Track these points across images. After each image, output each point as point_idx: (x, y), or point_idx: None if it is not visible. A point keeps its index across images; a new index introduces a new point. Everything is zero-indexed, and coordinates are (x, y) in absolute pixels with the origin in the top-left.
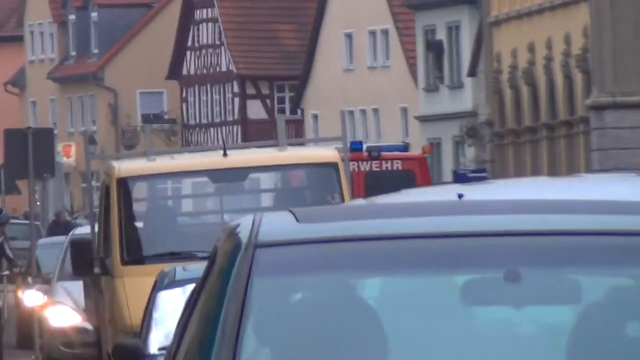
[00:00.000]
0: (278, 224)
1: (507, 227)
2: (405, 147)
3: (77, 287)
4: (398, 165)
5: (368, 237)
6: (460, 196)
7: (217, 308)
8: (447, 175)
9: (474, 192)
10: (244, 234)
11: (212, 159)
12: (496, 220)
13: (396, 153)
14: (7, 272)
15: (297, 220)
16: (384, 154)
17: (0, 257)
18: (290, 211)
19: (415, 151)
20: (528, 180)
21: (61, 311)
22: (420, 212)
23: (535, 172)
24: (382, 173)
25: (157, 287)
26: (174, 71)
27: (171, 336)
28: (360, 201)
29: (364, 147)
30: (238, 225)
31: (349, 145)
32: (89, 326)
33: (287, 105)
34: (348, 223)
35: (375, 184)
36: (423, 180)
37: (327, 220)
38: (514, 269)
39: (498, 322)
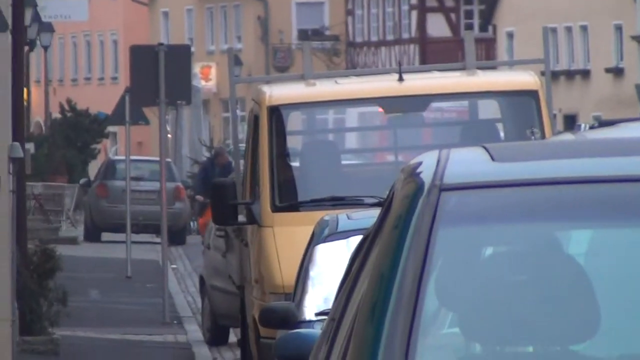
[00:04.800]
0: (468, 162)
1: None
2: None
3: None
4: None
5: (579, 179)
6: None
7: (393, 264)
8: None
9: None
10: (426, 175)
11: (384, 85)
12: None
13: None
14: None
15: (492, 158)
16: None
17: None
18: (484, 147)
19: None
20: None
21: None
22: None
23: None
24: None
25: (315, 239)
26: None
27: (331, 299)
28: (568, 136)
29: None
30: (420, 164)
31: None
32: None
33: (476, 21)
34: (554, 162)
35: None
36: None
37: (528, 158)
38: None
39: None
